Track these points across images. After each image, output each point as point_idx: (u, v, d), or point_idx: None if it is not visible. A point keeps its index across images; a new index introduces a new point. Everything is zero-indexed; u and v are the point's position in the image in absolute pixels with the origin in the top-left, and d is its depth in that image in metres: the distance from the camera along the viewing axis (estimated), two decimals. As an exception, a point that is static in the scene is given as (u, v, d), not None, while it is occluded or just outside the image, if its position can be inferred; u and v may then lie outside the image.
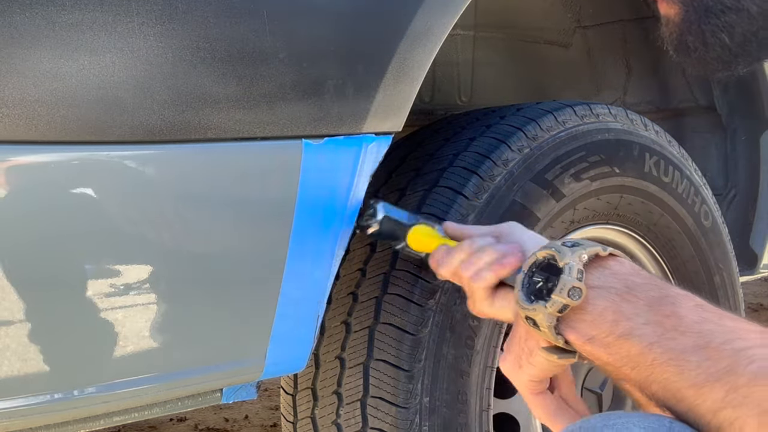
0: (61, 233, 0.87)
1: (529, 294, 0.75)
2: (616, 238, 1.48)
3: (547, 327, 0.73)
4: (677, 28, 0.90)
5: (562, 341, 0.74)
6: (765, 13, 0.87)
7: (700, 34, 0.88)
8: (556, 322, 0.73)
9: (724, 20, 0.86)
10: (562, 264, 0.73)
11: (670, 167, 1.47)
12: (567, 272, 0.72)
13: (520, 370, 0.80)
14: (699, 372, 0.64)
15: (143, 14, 0.86)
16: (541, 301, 0.73)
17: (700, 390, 0.63)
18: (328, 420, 1.24)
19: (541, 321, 0.73)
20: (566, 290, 0.71)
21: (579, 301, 0.71)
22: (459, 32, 1.75)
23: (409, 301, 1.18)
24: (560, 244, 0.75)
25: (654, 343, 0.67)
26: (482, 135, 1.29)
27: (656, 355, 0.66)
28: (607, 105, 1.44)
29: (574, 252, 0.73)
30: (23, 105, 0.81)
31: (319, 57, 0.97)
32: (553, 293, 0.72)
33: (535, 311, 0.73)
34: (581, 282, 0.71)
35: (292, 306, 1.03)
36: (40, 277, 0.87)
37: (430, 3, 1.06)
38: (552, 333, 0.73)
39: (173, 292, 0.95)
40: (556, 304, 0.72)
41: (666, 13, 0.91)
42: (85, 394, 0.92)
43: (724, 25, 0.87)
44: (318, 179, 1.01)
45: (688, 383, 0.64)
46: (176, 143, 0.91)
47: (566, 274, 0.72)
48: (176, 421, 2.48)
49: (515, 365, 0.81)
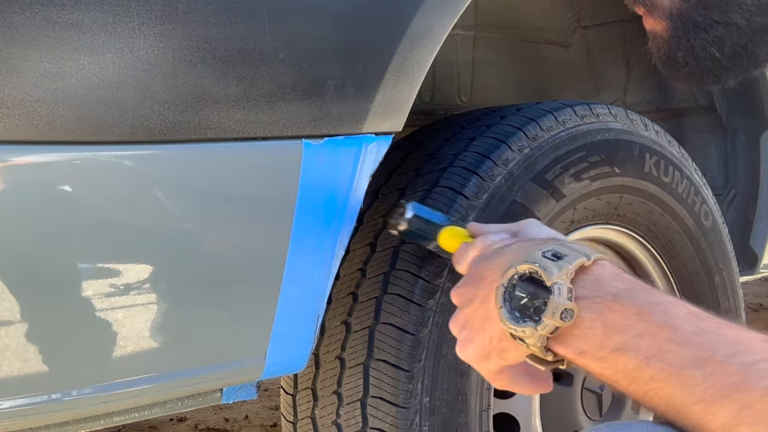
0: (60, 233, 0.87)
1: (513, 310, 0.72)
2: (616, 238, 1.48)
3: (538, 347, 0.71)
4: (665, 43, 0.89)
5: (552, 356, 0.72)
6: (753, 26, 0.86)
7: (690, 49, 0.87)
8: (546, 341, 0.71)
9: (713, 34, 0.86)
10: (550, 283, 0.69)
11: (670, 167, 1.47)
12: (557, 293, 0.69)
13: (487, 361, 0.77)
14: (705, 387, 0.62)
15: (143, 14, 0.86)
16: (530, 322, 0.70)
17: (709, 407, 0.61)
18: (328, 420, 1.24)
19: (530, 341, 0.71)
20: (558, 313, 0.68)
21: (571, 322, 0.68)
22: (459, 32, 1.75)
23: (409, 301, 1.18)
24: (541, 255, 0.72)
25: (651, 357, 0.64)
26: (482, 135, 1.29)
27: (655, 370, 0.64)
28: (607, 105, 1.44)
29: (561, 269, 0.70)
30: (23, 105, 0.81)
31: (319, 57, 0.97)
32: (543, 315, 0.69)
33: (524, 333, 0.71)
34: (572, 302, 0.69)
35: (292, 306, 1.03)
36: (40, 277, 0.87)
37: (430, 3, 1.06)
38: (542, 351, 0.71)
39: (173, 292, 0.95)
40: (548, 327, 0.69)
41: (653, 29, 0.91)
42: (85, 394, 0.92)
43: (713, 40, 0.86)
44: (318, 179, 1.01)
45: (694, 399, 0.62)
46: (176, 143, 0.91)
47: (556, 296, 0.69)
48: (176, 421, 2.48)
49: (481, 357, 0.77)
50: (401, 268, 1.19)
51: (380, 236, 1.23)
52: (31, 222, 0.85)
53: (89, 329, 0.91)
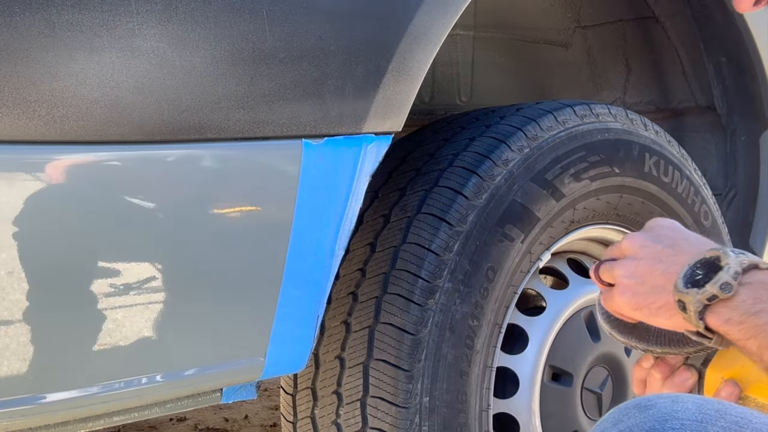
0: (60, 233, 0.87)
1: (687, 282, 0.82)
2: (616, 237, 1.48)
3: (693, 311, 0.80)
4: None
5: (702, 326, 0.80)
6: None
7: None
8: (702, 307, 0.80)
9: None
10: (723, 264, 0.80)
11: (669, 167, 1.47)
12: (725, 270, 0.80)
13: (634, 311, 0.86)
14: None
15: (143, 14, 0.86)
16: (695, 288, 0.80)
17: None
18: (328, 420, 1.24)
19: (689, 304, 0.80)
20: (719, 283, 0.79)
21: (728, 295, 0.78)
22: (459, 32, 1.75)
23: (409, 301, 1.18)
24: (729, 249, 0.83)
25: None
26: (482, 135, 1.30)
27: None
28: (607, 105, 1.44)
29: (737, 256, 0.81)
30: (23, 105, 0.81)
31: (319, 57, 0.97)
32: (707, 284, 0.80)
33: (687, 295, 0.80)
34: (735, 281, 0.79)
35: (292, 306, 1.03)
36: (40, 277, 0.87)
37: (430, 3, 1.06)
38: (695, 317, 0.80)
39: (173, 292, 0.95)
40: (706, 293, 0.79)
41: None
42: (85, 394, 0.92)
43: None
44: (318, 179, 1.01)
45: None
46: (176, 143, 0.91)
47: (724, 272, 0.79)
48: (176, 421, 2.48)
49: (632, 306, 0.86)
50: (401, 268, 1.19)
51: (380, 236, 1.23)
52: (31, 222, 0.85)
53: (89, 329, 0.91)
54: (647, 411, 0.67)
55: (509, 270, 1.27)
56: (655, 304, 0.85)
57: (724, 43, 1.75)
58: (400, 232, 1.22)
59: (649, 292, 0.86)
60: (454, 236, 1.20)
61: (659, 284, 0.85)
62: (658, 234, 0.89)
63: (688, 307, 0.80)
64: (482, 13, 1.73)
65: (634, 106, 1.93)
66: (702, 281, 0.80)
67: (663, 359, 0.91)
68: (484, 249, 1.23)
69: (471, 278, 1.21)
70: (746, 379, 0.88)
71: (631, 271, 0.87)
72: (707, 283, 0.80)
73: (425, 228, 1.20)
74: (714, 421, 0.65)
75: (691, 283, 0.81)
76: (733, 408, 0.67)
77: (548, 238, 1.33)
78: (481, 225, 1.22)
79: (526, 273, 1.31)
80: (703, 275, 0.81)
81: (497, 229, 1.24)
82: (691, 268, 0.82)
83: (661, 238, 0.88)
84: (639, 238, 0.89)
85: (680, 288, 0.81)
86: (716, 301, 0.79)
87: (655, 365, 0.91)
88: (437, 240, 1.20)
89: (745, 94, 1.84)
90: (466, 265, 1.21)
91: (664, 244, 0.88)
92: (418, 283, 1.18)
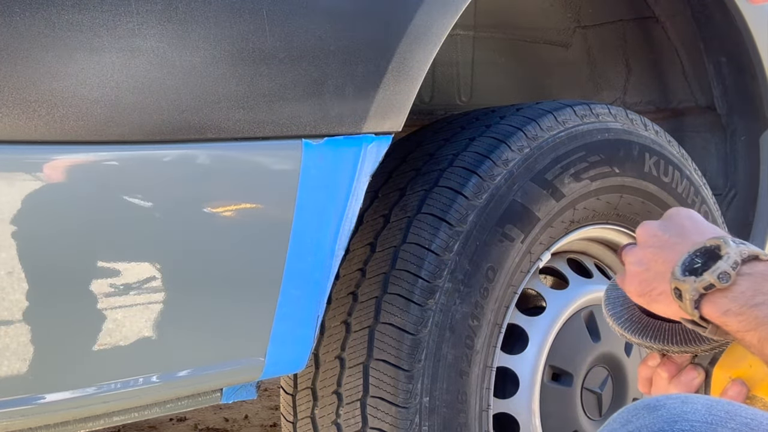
0: (60, 233, 0.87)
1: (685, 270, 0.81)
2: (616, 238, 1.48)
3: (689, 299, 0.79)
4: None
5: (697, 315, 0.80)
6: None
7: None
8: (698, 296, 0.79)
9: None
10: (723, 253, 0.79)
11: (669, 167, 1.47)
12: (724, 259, 0.79)
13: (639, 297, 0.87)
14: None
15: (143, 14, 0.86)
16: (693, 277, 0.80)
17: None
18: (328, 420, 1.24)
19: (685, 292, 0.80)
20: (717, 273, 0.78)
21: (726, 285, 0.77)
22: (459, 32, 1.75)
23: (409, 301, 1.18)
24: (730, 238, 0.82)
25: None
26: (482, 135, 1.30)
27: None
28: (607, 105, 1.44)
29: (738, 246, 0.80)
30: (23, 105, 0.81)
31: (319, 57, 0.97)
32: (705, 272, 0.79)
33: (684, 283, 0.80)
34: (734, 271, 0.78)
35: (292, 306, 1.03)
36: (40, 277, 0.87)
37: (430, 3, 1.06)
38: (690, 306, 0.79)
39: (173, 292, 0.95)
40: (703, 282, 0.78)
41: None
42: (85, 394, 0.92)
43: None
44: (318, 179, 1.01)
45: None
46: (176, 143, 0.91)
47: (723, 261, 0.79)
48: (176, 421, 2.48)
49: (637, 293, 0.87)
50: (401, 268, 1.19)
51: (380, 236, 1.23)
52: (32, 222, 0.85)
53: (89, 329, 0.91)
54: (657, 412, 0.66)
55: (509, 270, 1.27)
56: (655, 290, 0.85)
57: (724, 43, 1.75)
58: (400, 232, 1.22)
59: (652, 278, 0.86)
60: (454, 236, 1.20)
61: (661, 271, 0.85)
62: (670, 223, 0.90)
63: (684, 296, 0.80)
64: (482, 13, 1.74)
65: (634, 106, 1.93)
66: (700, 270, 0.80)
67: (669, 358, 0.91)
68: (484, 249, 1.23)
69: (471, 278, 1.21)
70: (754, 378, 0.86)
71: (639, 257, 0.88)
72: (705, 271, 0.79)
73: (425, 228, 1.20)
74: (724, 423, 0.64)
75: (688, 271, 0.81)
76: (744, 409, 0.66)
77: (548, 238, 1.33)
78: (481, 225, 1.22)
79: (526, 273, 1.31)
80: (701, 264, 0.80)
81: (497, 229, 1.24)
82: (690, 256, 0.82)
83: (672, 227, 0.89)
84: (652, 226, 0.90)
85: (677, 276, 0.81)
86: (713, 291, 0.78)
87: (662, 364, 0.91)
88: (437, 240, 1.20)
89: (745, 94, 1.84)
90: (466, 265, 1.21)
91: (672, 232, 0.88)
92: (418, 283, 1.18)
